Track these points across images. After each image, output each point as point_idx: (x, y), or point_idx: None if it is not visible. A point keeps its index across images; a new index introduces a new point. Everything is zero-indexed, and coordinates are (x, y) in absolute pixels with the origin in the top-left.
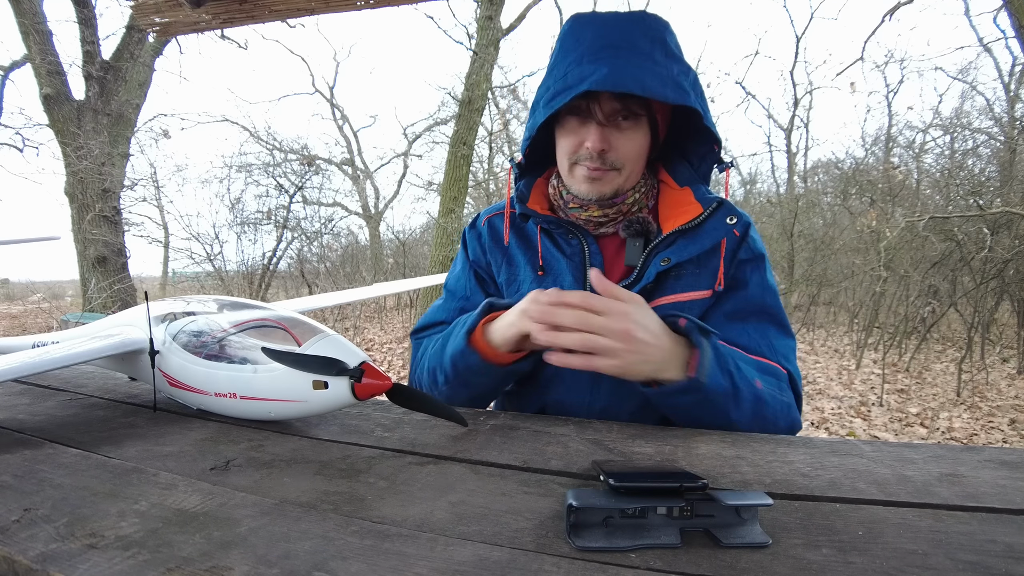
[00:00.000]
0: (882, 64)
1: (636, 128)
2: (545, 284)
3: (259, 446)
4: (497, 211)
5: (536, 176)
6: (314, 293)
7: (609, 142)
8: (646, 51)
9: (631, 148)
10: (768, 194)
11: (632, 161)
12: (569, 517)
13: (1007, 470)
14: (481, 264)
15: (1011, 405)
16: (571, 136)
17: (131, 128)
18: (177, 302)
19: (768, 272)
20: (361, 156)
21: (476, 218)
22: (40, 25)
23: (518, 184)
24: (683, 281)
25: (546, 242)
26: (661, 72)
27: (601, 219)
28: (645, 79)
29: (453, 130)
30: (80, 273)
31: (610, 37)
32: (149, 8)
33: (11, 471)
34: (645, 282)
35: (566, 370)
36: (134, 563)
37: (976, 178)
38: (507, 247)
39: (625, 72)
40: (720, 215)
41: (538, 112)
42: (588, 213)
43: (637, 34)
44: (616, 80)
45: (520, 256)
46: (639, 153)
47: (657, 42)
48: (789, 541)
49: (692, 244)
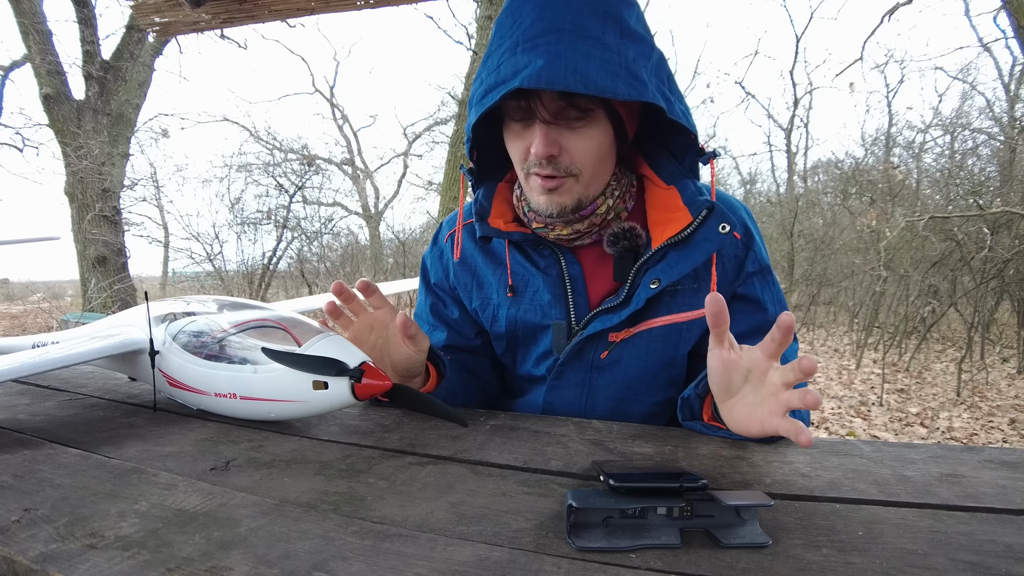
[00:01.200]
0: (882, 64)
1: (591, 126)
2: (522, 305)
3: (259, 446)
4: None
5: (496, 180)
6: (314, 293)
7: (559, 144)
8: (595, 34)
9: (586, 149)
10: (768, 194)
11: (590, 164)
12: (569, 517)
13: (1007, 470)
14: (444, 288)
15: (1011, 405)
16: (517, 141)
17: (131, 128)
18: (177, 302)
19: (776, 284)
20: (361, 156)
21: (437, 234)
22: (40, 25)
23: (476, 194)
24: (680, 299)
25: (517, 256)
26: (611, 60)
27: (572, 236)
28: (589, 71)
29: (453, 130)
30: (80, 273)
31: (553, 18)
32: (149, 8)
33: (11, 471)
34: (635, 307)
35: (556, 398)
36: (134, 563)
37: (976, 178)
38: (473, 266)
39: (565, 64)
40: (711, 224)
41: (471, 111)
42: (555, 232)
43: (586, 12)
44: (553, 75)
45: (489, 275)
46: (597, 155)
47: (610, 19)
48: (789, 541)
49: (685, 259)
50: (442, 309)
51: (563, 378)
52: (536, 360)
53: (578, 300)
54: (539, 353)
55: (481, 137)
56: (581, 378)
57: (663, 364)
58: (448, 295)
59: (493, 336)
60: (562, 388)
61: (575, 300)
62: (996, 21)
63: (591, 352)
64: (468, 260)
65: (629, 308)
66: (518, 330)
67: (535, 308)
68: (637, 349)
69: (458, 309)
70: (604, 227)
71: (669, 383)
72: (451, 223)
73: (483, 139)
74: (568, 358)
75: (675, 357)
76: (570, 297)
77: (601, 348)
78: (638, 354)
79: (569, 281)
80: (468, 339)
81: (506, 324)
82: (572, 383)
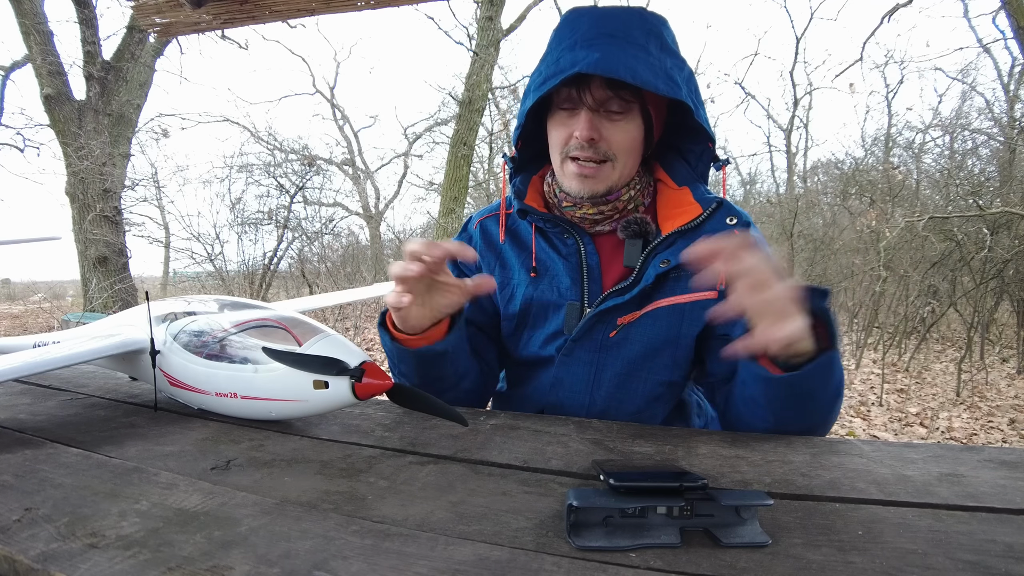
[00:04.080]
0: (881, 65)
1: (628, 119)
2: (540, 286)
3: (260, 446)
4: (490, 213)
5: (532, 173)
6: (315, 293)
7: (599, 131)
8: (641, 43)
9: (622, 139)
10: (768, 194)
11: (624, 153)
12: (569, 517)
13: (1007, 470)
14: (470, 268)
15: (1011, 405)
16: (561, 128)
17: (132, 128)
18: (178, 302)
19: None
20: (362, 156)
21: (468, 221)
22: (41, 25)
23: (514, 180)
24: (684, 282)
25: (541, 242)
26: (654, 64)
27: (596, 216)
28: (637, 68)
29: (453, 130)
30: (81, 273)
31: (606, 27)
32: (150, 8)
33: (12, 471)
34: (644, 284)
35: (565, 373)
36: (135, 563)
37: (976, 178)
38: (500, 249)
39: (617, 59)
40: (720, 216)
41: (528, 98)
42: (582, 211)
43: (633, 26)
44: (607, 65)
45: (513, 258)
46: (631, 145)
47: (653, 35)
48: (789, 541)
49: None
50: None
51: (573, 355)
52: (544, 341)
53: (592, 286)
54: (549, 333)
55: (527, 130)
56: (590, 357)
57: (666, 342)
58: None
59: (505, 316)
60: (572, 365)
61: (590, 286)
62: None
63: (600, 332)
64: (496, 243)
65: (639, 286)
66: (532, 308)
67: (553, 289)
68: (643, 328)
69: None
70: (623, 215)
71: (673, 364)
72: (483, 212)
73: (529, 133)
74: (579, 335)
75: (678, 337)
76: (586, 283)
77: (610, 328)
78: (644, 332)
79: (587, 269)
80: (485, 315)
81: (521, 302)
82: (581, 361)
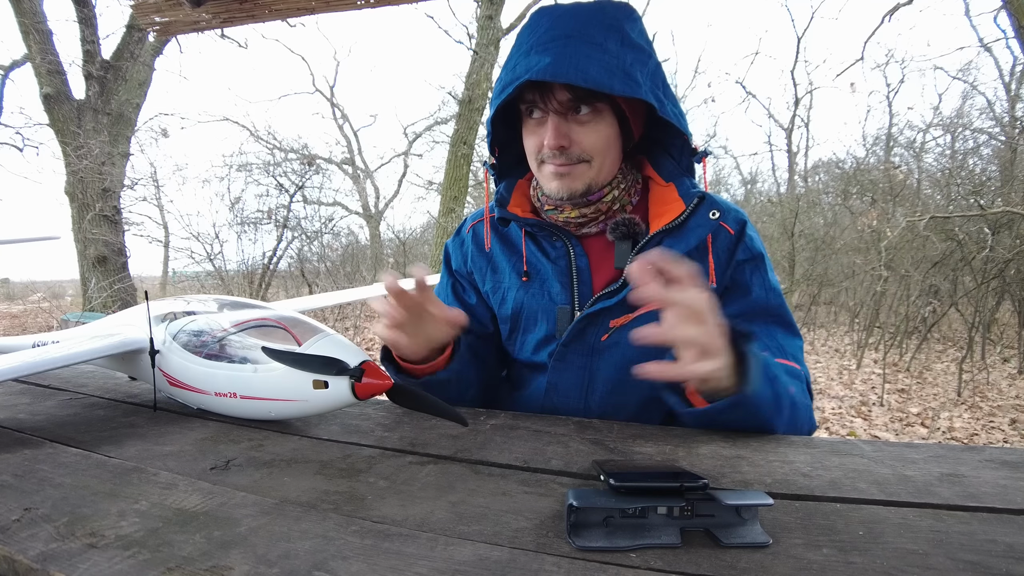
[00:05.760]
0: (882, 64)
1: (597, 120)
2: (531, 290)
3: (259, 446)
4: (481, 218)
5: (518, 177)
6: (314, 293)
7: (568, 137)
8: (598, 41)
9: (595, 140)
10: (769, 194)
11: (599, 153)
12: (569, 517)
13: (1008, 470)
14: (463, 274)
15: (1012, 405)
16: (532, 136)
17: (131, 127)
18: (177, 301)
19: (769, 272)
20: (361, 155)
21: (461, 226)
22: (40, 24)
23: (498, 187)
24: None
25: (531, 246)
26: (610, 62)
27: (580, 220)
28: (590, 69)
29: (453, 130)
30: (80, 273)
31: (563, 27)
32: (149, 7)
33: (11, 470)
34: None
35: (559, 379)
36: (134, 562)
37: (977, 178)
38: (490, 253)
39: (569, 62)
40: (702, 211)
41: (491, 106)
42: (564, 215)
43: (592, 23)
44: (557, 70)
45: (504, 262)
46: (605, 145)
47: (612, 30)
48: (789, 541)
49: (678, 243)
50: (461, 292)
51: (565, 360)
52: (536, 346)
53: (583, 289)
54: (540, 337)
55: (504, 137)
56: (582, 361)
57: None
58: (466, 279)
59: (500, 318)
60: (564, 370)
61: (580, 289)
62: (996, 21)
63: (592, 335)
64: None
65: (628, 288)
66: (523, 312)
67: (543, 293)
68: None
69: (475, 295)
70: (610, 216)
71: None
72: (475, 216)
73: (506, 139)
74: (570, 339)
75: None
76: (575, 286)
77: (601, 331)
78: None
79: (576, 272)
80: (482, 324)
81: (512, 305)
82: (574, 366)
